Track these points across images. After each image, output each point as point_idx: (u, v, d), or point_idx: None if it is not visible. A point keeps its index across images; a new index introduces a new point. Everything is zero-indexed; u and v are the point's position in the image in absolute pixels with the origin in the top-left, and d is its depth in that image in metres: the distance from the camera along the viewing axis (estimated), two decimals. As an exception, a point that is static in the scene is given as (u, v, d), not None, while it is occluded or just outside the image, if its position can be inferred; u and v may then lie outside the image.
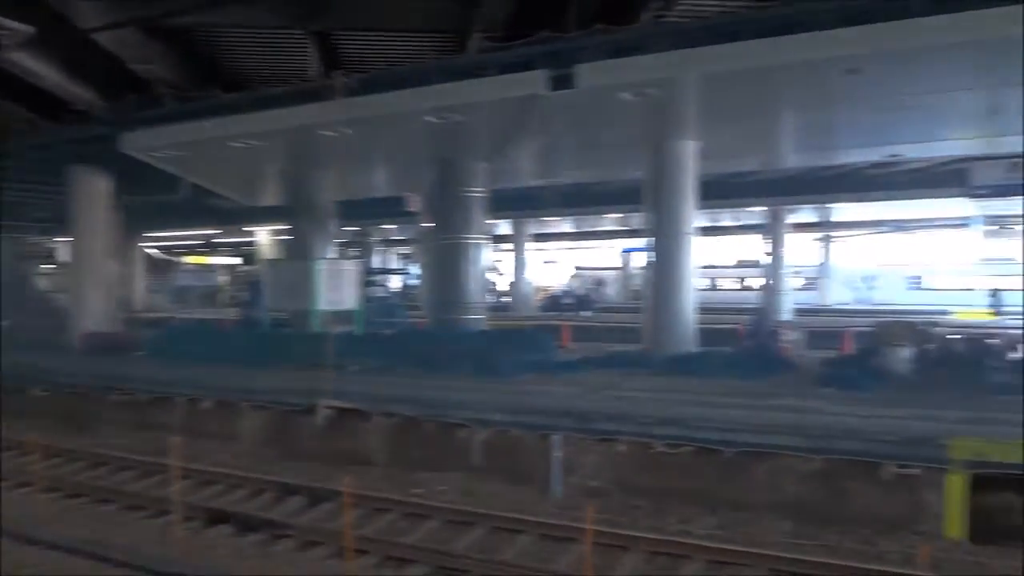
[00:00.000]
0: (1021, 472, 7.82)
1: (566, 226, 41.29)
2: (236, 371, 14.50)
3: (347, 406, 11.08)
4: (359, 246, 36.71)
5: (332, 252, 19.60)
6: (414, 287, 33.88)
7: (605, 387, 12.36)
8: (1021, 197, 19.07)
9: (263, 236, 37.74)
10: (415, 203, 20.67)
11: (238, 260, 45.59)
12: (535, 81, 12.33)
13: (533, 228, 37.96)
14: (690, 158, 15.49)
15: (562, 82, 12.10)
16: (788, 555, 7.51)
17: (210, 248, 45.71)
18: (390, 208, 24.69)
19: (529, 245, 38.18)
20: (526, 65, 12.50)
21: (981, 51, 10.62)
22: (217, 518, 8.77)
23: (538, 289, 40.14)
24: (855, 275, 45.14)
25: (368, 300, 18.94)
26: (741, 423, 9.45)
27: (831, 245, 42.98)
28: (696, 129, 15.32)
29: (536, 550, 7.98)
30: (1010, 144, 14.83)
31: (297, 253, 19.32)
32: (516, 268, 37.42)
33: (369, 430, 10.95)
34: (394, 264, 42.66)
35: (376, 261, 38.16)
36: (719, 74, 11.62)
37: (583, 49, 12.01)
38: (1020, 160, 12.51)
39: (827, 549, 7.76)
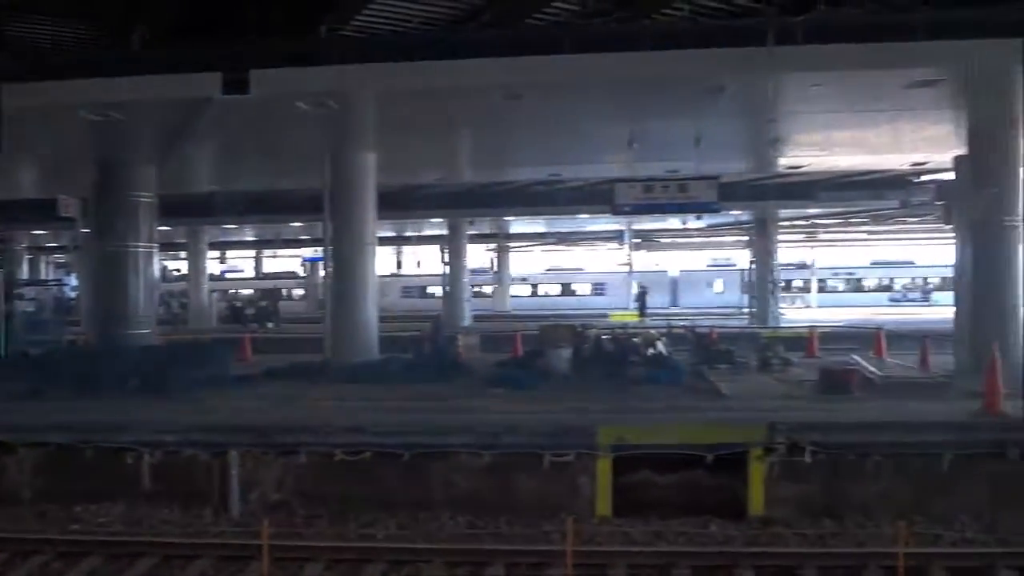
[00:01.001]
0: (653, 451, 9.14)
1: (248, 234, 39.84)
2: None
3: (-21, 439, 9.70)
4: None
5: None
6: (72, 300, 30.33)
7: (286, 399, 12.17)
8: (656, 215, 22.23)
9: None
10: (70, 207, 18.56)
11: None
12: (208, 83, 11.81)
13: (213, 236, 36.07)
14: (370, 170, 15.81)
15: (237, 86, 11.73)
16: (462, 546, 8.06)
17: None
18: (40, 212, 22.05)
19: (209, 254, 36.25)
20: (199, 66, 11.92)
21: (620, 88, 12.23)
22: None
23: (220, 300, 38.18)
24: (531, 281, 49.19)
25: (10, 316, 16.66)
26: (419, 426, 9.86)
27: (507, 255, 46.23)
28: (375, 142, 15.69)
29: (213, 574, 7.68)
30: (646, 169, 17.18)
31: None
32: (192, 278, 35.22)
33: (12, 464, 9.71)
34: (49, 275, 37.94)
35: (24, 271, 33.62)
36: (396, 90, 12.07)
37: (259, 55, 11.76)
38: (653, 183, 14.55)
39: (497, 537, 8.44)
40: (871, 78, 11.47)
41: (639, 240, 41.19)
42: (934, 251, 42.40)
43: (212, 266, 42.42)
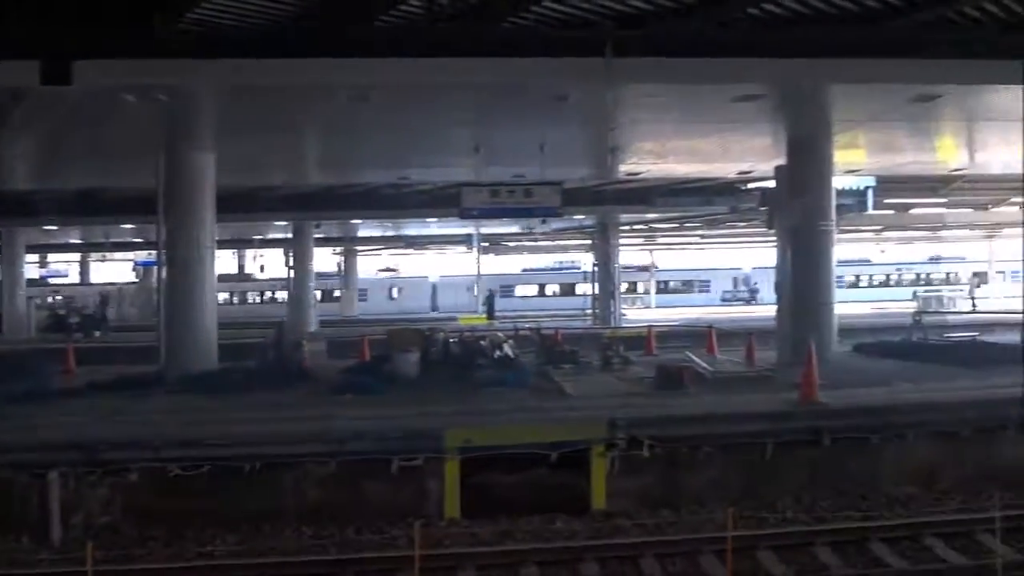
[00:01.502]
0: (500, 452, 9.29)
1: (73, 236, 37.08)
2: None
3: None
4: None
5: None
6: None
7: (115, 413, 11.40)
8: (502, 219, 22.58)
9: None
10: None
11: None
12: (25, 72, 10.88)
13: (29, 238, 33.25)
14: (208, 169, 15.13)
15: (58, 77, 10.87)
16: (308, 558, 7.87)
17: None
18: None
19: (27, 257, 33.43)
20: (15, 53, 10.96)
21: (467, 94, 12.36)
22: None
23: (40, 307, 35.18)
24: (379, 286, 48.68)
25: None
26: (262, 437, 9.52)
27: (355, 259, 45.53)
28: (215, 140, 15.04)
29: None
30: (494, 174, 17.46)
31: None
32: (7, 284, 32.27)
33: None
34: None
35: None
36: (236, 87, 11.62)
37: (84, 44, 10.96)
38: (499, 188, 14.81)
39: (344, 545, 8.31)
40: (701, 91, 12.19)
41: (487, 244, 41.72)
42: (762, 254, 45.52)
43: (32, 271, 39.24)
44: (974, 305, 36.00)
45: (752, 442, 9.73)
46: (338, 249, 43.26)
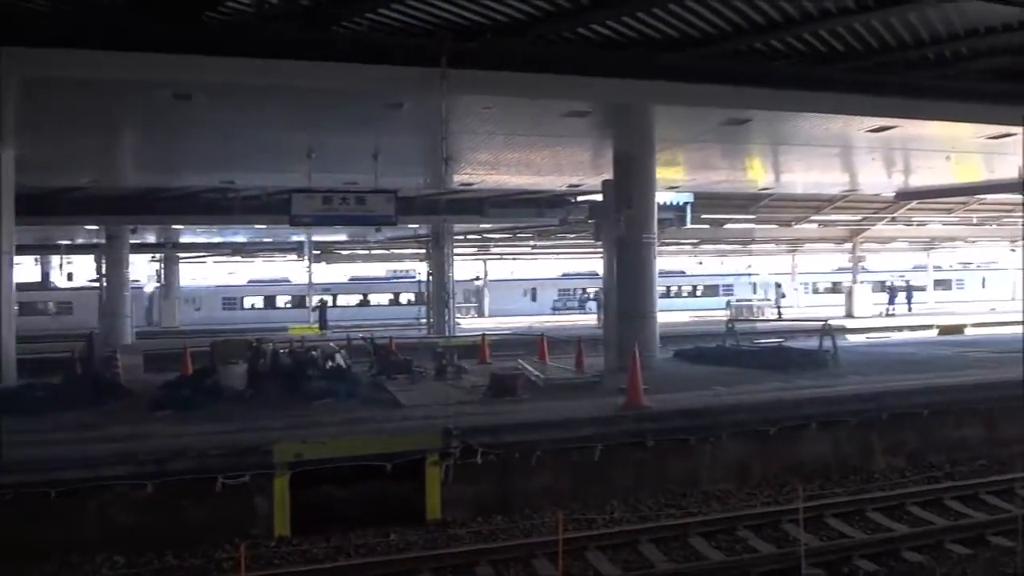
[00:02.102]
0: (333, 465, 9.06)
1: None
2: None
3: None
4: None
5: None
6: None
7: None
8: (334, 227, 22.13)
9: None
10: None
11: None
12: None
13: None
14: (6, 167, 13.80)
15: None
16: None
17: None
18: None
19: None
20: None
21: (298, 97, 12.01)
22: None
23: None
24: (205, 296, 46.33)
25: None
26: (67, 459, 8.74)
27: (176, 266, 43.04)
28: (14, 135, 13.73)
29: None
30: (324, 180, 17.06)
31: None
32: None
33: None
34: None
35: None
36: (41, 79, 10.67)
37: None
38: (332, 195, 14.47)
39: (160, 573, 7.78)
40: (533, 105, 12.51)
41: (319, 252, 40.71)
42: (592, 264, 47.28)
43: None
44: (780, 314, 39.08)
45: (582, 446, 10.05)
46: (157, 256, 40.75)
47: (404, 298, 47.52)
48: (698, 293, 54.96)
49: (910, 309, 41.10)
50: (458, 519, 9.26)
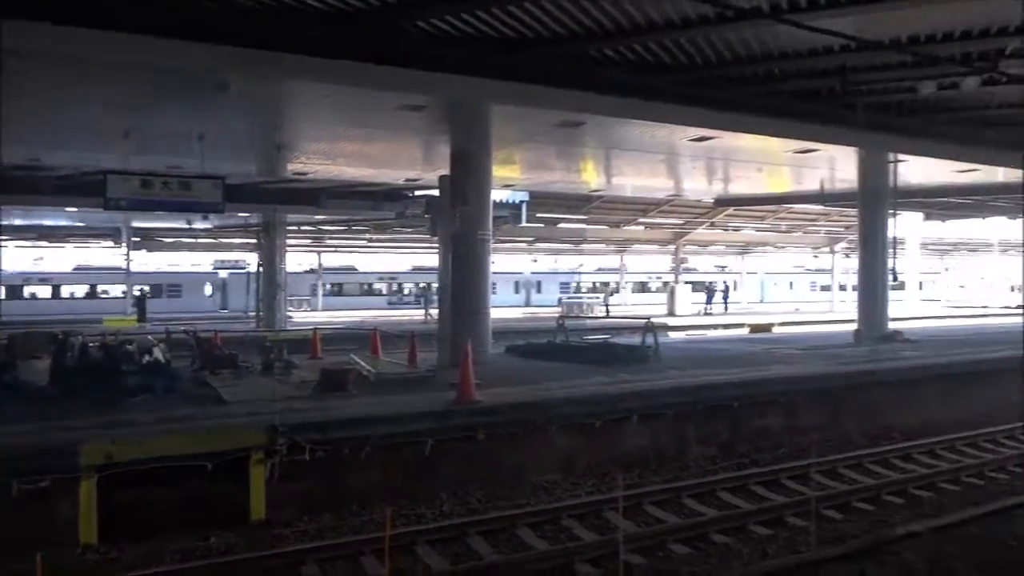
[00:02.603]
0: (148, 466, 8.51)
1: None
2: None
3: None
4: None
5: None
6: None
7: None
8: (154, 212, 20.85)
9: None
10: None
11: None
12: None
13: None
14: None
15: None
16: None
17: None
18: None
19: None
20: None
21: (113, 71, 11.18)
22: None
23: None
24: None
25: None
26: None
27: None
28: None
29: None
30: (143, 162, 16.03)
31: None
32: None
33: None
34: None
35: None
36: None
37: None
38: (153, 179, 13.61)
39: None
40: (370, 96, 12.31)
41: (139, 239, 38.24)
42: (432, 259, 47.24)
43: None
44: (608, 311, 40.75)
45: (413, 441, 10.03)
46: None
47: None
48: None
49: (726, 309, 44.06)
50: (284, 519, 8.98)
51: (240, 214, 28.95)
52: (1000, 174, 21.77)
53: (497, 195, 25.38)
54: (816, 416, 13.62)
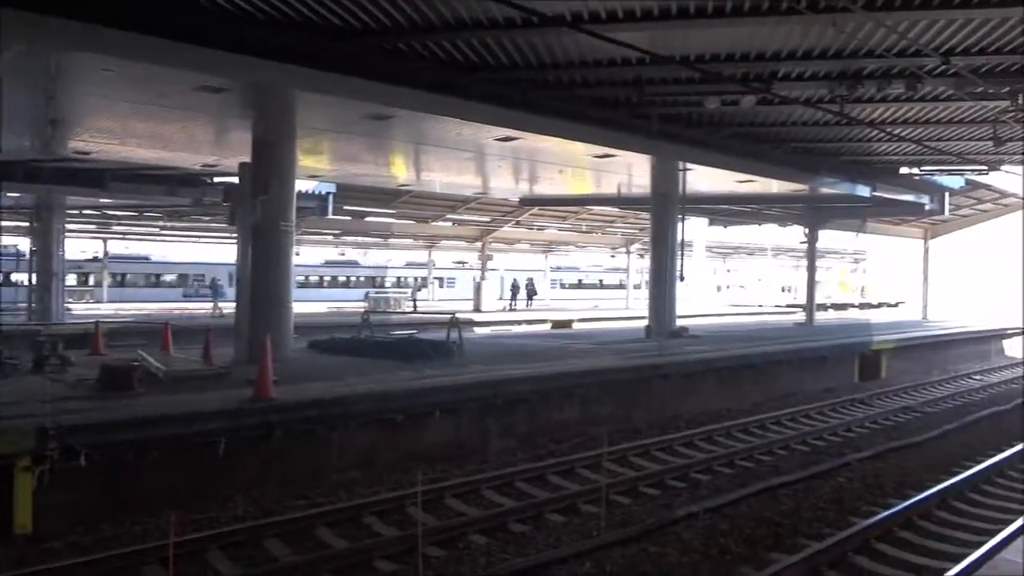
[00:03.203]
0: None
1: None
2: None
3: None
4: None
5: None
6: None
7: None
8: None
9: None
10: None
11: None
12: None
13: None
14: None
15: None
16: None
17: None
18: None
19: None
20: None
21: None
22: None
23: None
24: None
25: None
26: None
27: None
28: None
29: None
30: None
31: None
32: None
33: None
34: None
35: None
36: None
37: None
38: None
39: None
40: (163, 73, 11.49)
41: None
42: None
43: None
44: (415, 306, 40.76)
45: (205, 442, 9.51)
46: None
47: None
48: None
49: (529, 305, 45.44)
50: (56, 532, 8.21)
51: (10, 194, 26.07)
52: (775, 186, 24.00)
53: (302, 185, 24.69)
54: (609, 407, 14.39)
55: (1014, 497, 10.28)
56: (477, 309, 39.57)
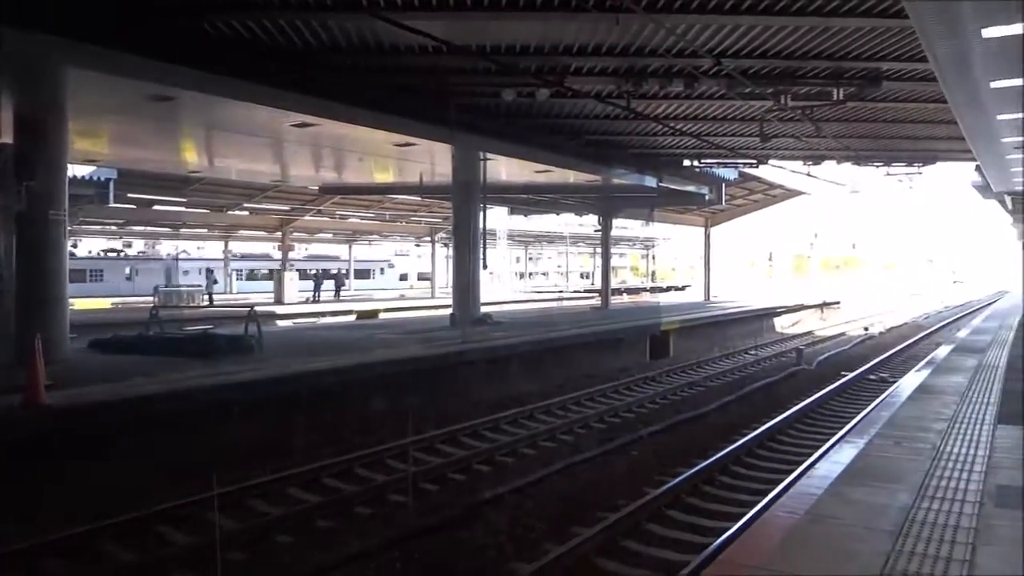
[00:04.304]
0: None
1: None
2: None
3: None
4: None
5: None
6: None
7: None
8: None
9: None
10: None
11: None
12: None
13: None
14: None
15: None
16: None
17: None
18: None
19: None
20: None
21: None
22: None
23: None
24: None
25: None
26: None
27: None
28: None
29: None
30: None
31: None
32: None
33: None
34: None
35: None
36: None
37: None
38: None
39: None
40: None
41: None
42: None
43: None
44: (211, 300, 38.63)
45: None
46: None
47: None
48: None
49: (337, 296, 44.50)
50: None
51: None
52: (571, 176, 25.02)
53: (78, 171, 22.65)
54: (416, 396, 14.40)
55: (786, 459, 11.41)
56: (279, 301, 38.20)
